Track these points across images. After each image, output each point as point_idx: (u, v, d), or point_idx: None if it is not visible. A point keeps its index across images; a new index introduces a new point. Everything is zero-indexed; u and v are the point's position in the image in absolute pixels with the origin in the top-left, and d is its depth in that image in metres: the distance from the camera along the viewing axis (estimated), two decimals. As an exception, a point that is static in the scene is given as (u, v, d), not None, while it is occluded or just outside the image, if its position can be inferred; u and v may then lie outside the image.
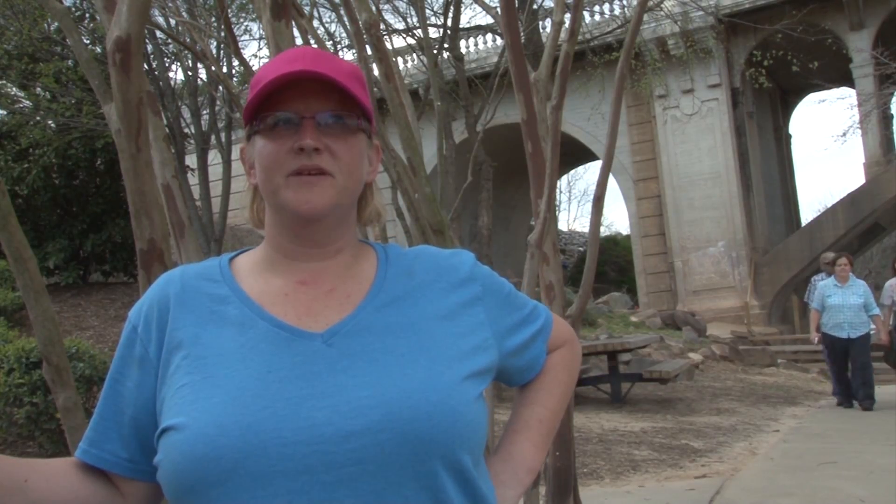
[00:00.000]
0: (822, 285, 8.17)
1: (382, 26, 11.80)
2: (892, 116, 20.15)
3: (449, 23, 13.07)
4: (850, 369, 8.32)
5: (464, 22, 23.44)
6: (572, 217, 53.33)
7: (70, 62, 11.03)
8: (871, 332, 8.40)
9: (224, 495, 0.86)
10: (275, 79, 0.95)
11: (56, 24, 10.45)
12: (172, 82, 13.55)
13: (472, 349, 0.99)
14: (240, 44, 10.51)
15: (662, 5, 14.72)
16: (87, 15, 11.86)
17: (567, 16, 4.71)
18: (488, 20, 16.81)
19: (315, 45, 4.69)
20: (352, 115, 0.98)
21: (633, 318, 16.13)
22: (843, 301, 7.95)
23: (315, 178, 0.95)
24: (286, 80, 0.95)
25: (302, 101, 0.96)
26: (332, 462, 0.86)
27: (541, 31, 14.58)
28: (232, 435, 0.86)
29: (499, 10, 3.30)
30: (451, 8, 12.89)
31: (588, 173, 40.12)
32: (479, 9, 22.20)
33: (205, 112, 14.11)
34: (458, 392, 0.93)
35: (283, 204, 0.96)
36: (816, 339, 8.56)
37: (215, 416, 0.88)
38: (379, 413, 0.88)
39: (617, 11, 17.76)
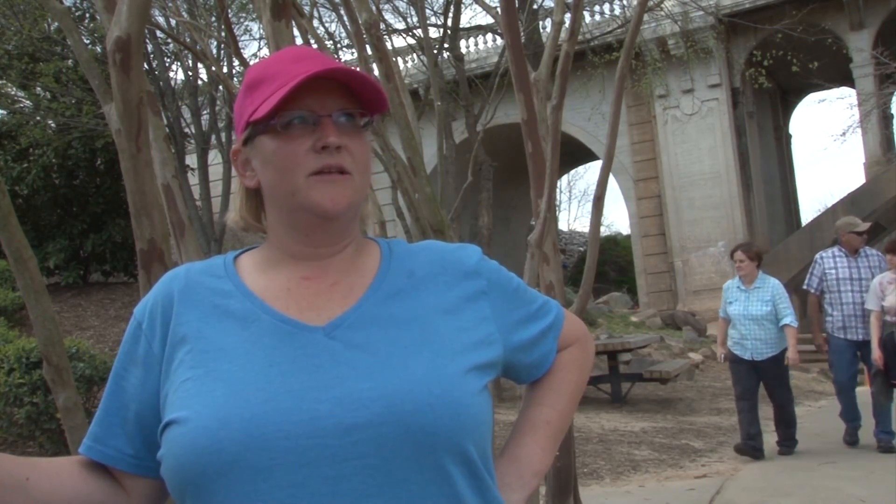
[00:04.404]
0: (726, 287, 6.27)
1: (382, 26, 11.80)
2: (892, 116, 20.14)
3: (449, 23, 13.08)
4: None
5: (464, 22, 23.43)
6: (572, 217, 53.33)
7: (70, 62, 11.03)
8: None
9: (225, 488, 0.86)
10: (303, 80, 0.92)
11: (56, 24, 10.44)
12: (172, 82, 13.56)
13: (475, 343, 0.98)
14: (240, 44, 10.51)
15: (662, 5, 14.72)
16: (87, 15, 11.86)
17: (567, 16, 4.71)
18: (488, 20, 16.82)
19: (315, 45, 4.69)
20: (359, 114, 0.98)
21: (634, 318, 16.13)
22: (744, 310, 5.99)
23: (337, 176, 0.95)
24: (308, 79, 0.93)
25: (316, 100, 0.95)
26: (334, 455, 0.86)
27: (541, 31, 14.59)
28: (233, 427, 0.86)
29: (499, 10, 3.30)
30: (451, 8, 12.90)
31: (588, 173, 40.16)
32: (479, 9, 22.20)
33: (205, 112, 14.13)
34: (461, 384, 0.92)
35: (307, 204, 0.95)
36: (722, 356, 6.38)
37: (217, 410, 0.88)
38: (381, 405, 0.87)
39: (617, 11, 17.76)
